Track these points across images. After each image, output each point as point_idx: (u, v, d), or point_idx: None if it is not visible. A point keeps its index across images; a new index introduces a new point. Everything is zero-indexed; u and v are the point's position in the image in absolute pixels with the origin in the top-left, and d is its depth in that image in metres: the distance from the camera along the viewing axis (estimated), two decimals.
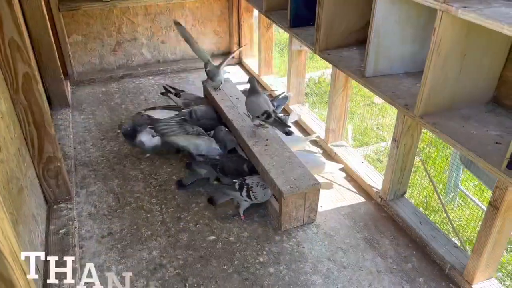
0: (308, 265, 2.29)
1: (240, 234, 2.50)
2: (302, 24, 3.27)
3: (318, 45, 2.84)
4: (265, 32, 4.20)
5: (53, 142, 2.41)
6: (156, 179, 2.96)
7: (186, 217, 2.62)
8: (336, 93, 3.04)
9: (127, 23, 4.41)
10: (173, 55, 4.77)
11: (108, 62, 4.54)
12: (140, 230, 2.52)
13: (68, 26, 4.16)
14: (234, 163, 2.78)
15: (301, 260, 2.32)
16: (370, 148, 4.26)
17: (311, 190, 2.47)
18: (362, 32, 2.86)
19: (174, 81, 4.49)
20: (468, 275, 2.11)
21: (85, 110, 3.89)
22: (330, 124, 3.18)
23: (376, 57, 2.39)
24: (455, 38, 1.86)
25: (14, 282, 1.09)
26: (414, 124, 2.37)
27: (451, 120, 2.01)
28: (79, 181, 2.94)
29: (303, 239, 2.47)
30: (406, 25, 2.32)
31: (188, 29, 4.64)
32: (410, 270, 2.27)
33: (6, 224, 1.08)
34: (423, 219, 2.52)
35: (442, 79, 1.95)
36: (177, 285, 2.16)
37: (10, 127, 2.06)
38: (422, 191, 3.57)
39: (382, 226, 2.57)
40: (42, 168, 2.45)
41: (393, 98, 2.23)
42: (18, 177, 2.03)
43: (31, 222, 2.12)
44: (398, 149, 2.45)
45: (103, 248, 2.39)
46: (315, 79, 5.69)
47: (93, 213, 2.65)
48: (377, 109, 4.99)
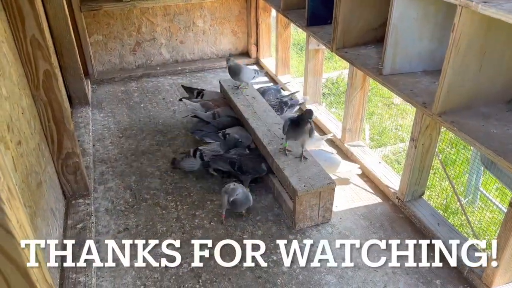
0: (322, 265, 2.27)
1: (254, 232, 2.50)
2: (319, 22, 3.25)
3: (335, 43, 2.81)
4: (283, 32, 4.20)
5: (72, 138, 2.46)
6: (172, 176, 2.99)
7: (201, 214, 2.63)
8: (354, 92, 3.00)
9: (147, 23, 4.47)
10: (191, 55, 4.82)
11: (127, 61, 4.62)
12: (155, 226, 2.54)
13: (89, 26, 4.25)
14: (252, 162, 2.76)
15: (315, 260, 2.30)
16: (388, 148, 4.19)
17: (325, 189, 2.44)
18: (380, 30, 2.82)
19: (192, 80, 4.53)
20: (487, 278, 2.06)
21: (105, 108, 3.96)
22: (347, 124, 3.15)
23: (393, 55, 2.35)
24: (474, 34, 1.82)
25: (28, 270, 1.11)
26: (433, 123, 2.33)
27: (470, 119, 1.96)
28: (97, 177, 2.99)
29: (317, 239, 2.45)
30: (424, 22, 2.28)
31: (206, 29, 4.70)
32: (427, 272, 2.22)
33: (22, 213, 1.10)
34: (441, 221, 2.46)
35: (461, 76, 1.91)
36: (191, 281, 2.17)
37: (30, 122, 2.11)
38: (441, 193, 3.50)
39: (398, 227, 2.52)
40: (61, 164, 2.50)
41: (410, 96, 2.19)
42: (37, 172, 2.08)
43: (49, 216, 2.17)
44: (416, 149, 2.41)
45: (119, 243, 2.42)
46: (333, 79, 5.65)
47: (110, 209, 2.69)
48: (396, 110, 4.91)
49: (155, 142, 3.41)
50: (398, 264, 2.26)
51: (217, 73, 4.69)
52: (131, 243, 2.40)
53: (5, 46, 1.90)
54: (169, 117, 3.79)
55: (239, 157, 2.79)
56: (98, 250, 2.36)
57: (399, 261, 2.28)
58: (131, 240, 2.42)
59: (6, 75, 1.84)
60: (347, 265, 2.26)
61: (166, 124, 3.67)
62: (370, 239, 2.43)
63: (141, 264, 2.26)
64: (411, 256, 2.31)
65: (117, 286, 2.15)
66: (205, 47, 4.83)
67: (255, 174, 2.75)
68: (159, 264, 2.27)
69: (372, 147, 4.15)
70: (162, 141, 3.42)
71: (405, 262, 2.27)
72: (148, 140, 3.43)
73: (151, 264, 2.26)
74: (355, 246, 2.38)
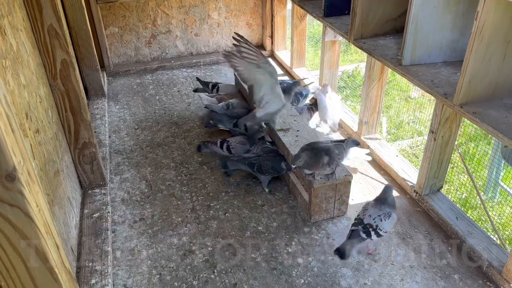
0: (337, 258, 2.24)
1: (269, 224, 2.48)
2: (336, 13, 3.20)
3: (353, 34, 2.77)
4: (299, 24, 4.15)
5: (88, 128, 2.47)
6: (187, 168, 2.99)
7: (216, 206, 2.63)
8: (371, 84, 2.96)
9: (162, 15, 4.47)
10: (206, 47, 4.81)
11: (143, 54, 4.63)
12: (171, 216, 2.55)
13: (105, 18, 4.27)
14: (271, 162, 2.69)
15: (331, 252, 2.28)
16: (405, 142, 4.13)
17: (342, 182, 2.42)
18: (399, 20, 2.77)
19: (207, 73, 4.52)
20: (507, 273, 2.01)
21: (120, 100, 3.98)
22: (364, 116, 3.11)
23: (413, 45, 2.30)
24: (498, 23, 1.76)
25: (47, 255, 1.11)
26: (453, 115, 2.27)
27: (493, 110, 1.90)
28: (113, 168, 3.01)
29: (333, 232, 2.43)
30: (445, 11, 2.22)
31: (221, 21, 4.68)
32: (445, 266, 2.18)
33: (41, 197, 1.11)
34: (460, 215, 2.41)
35: (483, 66, 1.86)
36: (206, 271, 2.17)
37: (48, 111, 2.13)
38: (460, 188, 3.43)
39: (416, 221, 2.48)
40: (77, 154, 2.52)
41: (431, 87, 2.14)
42: (54, 160, 2.10)
43: (66, 205, 2.19)
44: (435, 141, 2.36)
45: (134, 232, 2.44)
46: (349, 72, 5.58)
47: (126, 199, 2.70)
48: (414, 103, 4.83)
49: (170, 134, 3.42)
50: (416, 258, 2.23)
51: None
52: (147, 233, 2.43)
53: (23, 35, 1.92)
54: (184, 109, 3.79)
55: (258, 158, 2.72)
56: (114, 239, 2.39)
57: (416, 255, 2.25)
58: (147, 230, 2.45)
59: (25, 63, 1.85)
60: (363, 258, 2.23)
61: (181, 116, 3.67)
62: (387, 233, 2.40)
63: (157, 254, 2.28)
64: (428, 250, 2.28)
65: (133, 275, 2.16)
66: (220, 40, 4.82)
67: (275, 174, 2.72)
68: (175, 253, 2.28)
69: (389, 141, 4.09)
70: (177, 133, 3.43)
71: (423, 256, 2.25)
72: (163, 132, 3.44)
73: (167, 254, 2.28)
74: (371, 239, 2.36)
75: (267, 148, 2.83)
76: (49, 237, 1.10)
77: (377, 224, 2.12)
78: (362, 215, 2.18)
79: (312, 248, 2.31)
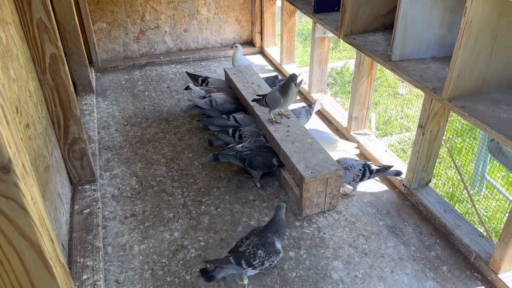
0: (329, 251, 2.27)
1: (260, 218, 2.49)
2: (326, 9, 3.22)
3: (343, 30, 2.79)
4: (288, 20, 4.17)
5: (78, 124, 2.45)
6: (178, 164, 2.98)
7: (207, 201, 2.63)
8: (360, 80, 2.99)
9: (151, 11, 4.44)
10: (195, 43, 4.79)
11: (131, 50, 4.59)
12: (162, 212, 2.54)
13: (93, 14, 4.23)
14: (263, 157, 2.70)
15: (322, 246, 2.31)
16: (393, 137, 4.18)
17: (332, 176, 2.44)
18: (388, 16, 2.80)
19: (196, 69, 4.51)
20: (494, 264, 2.06)
21: (109, 96, 3.95)
22: (353, 112, 3.14)
23: (403, 41, 2.34)
24: (486, 18, 1.80)
25: (42, 248, 1.11)
26: (441, 110, 2.31)
27: (481, 104, 1.94)
28: (103, 164, 2.99)
29: (324, 225, 2.45)
30: (433, 8, 2.26)
31: (210, 17, 4.67)
32: (434, 258, 2.22)
33: (35, 190, 1.10)
34: (448, 208, 2.46)
35: (472, 61, 1.89)
36: (198, 266, 2.18)
37: (37, 106, 2.10)
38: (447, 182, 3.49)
39: (405, 214, 2.52)
40: (67, 149, 2.50)
41: (420, 82, 2.17)
42: (44, 156, 2.08)
43: (57, 200, 2.17)
44: (424, 136, 2.40)
45: (126, 228, 2.43)
46: (337, 69, 5.62)
47: (117, 195, 2.69)
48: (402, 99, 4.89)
49: (160, 130, 3.40)
50: (405, 250, 2.27)
51: (221, 62, 4.67)
52: (139, 228, 2.42)
53: (12, 28, 1.89)
54: (174, 105, 3.78)
55: (250, 152, 2.72)
56: (105, 235, 2.37)
57: (406, 247, 2.29)
58: (138, 225, 2.44)
59: (14, 57, 1.83)
60: (353, 251, 2.26)
61: (170, 112, 3.66)
62: (377, 226, 2.44)
63: (148, 249, 2.28)
64: (418, 243, 2.32)
65: (125, 271, 2.15)
66: (209, 36, 4.81)
67: (266, 170, 2.73)
68: (167, 249, 2.28)
69: (378, 136, 4.14)
70: (167, 129, 3.41)
71: (412, 248, 2.29)
72: (153, 128, 3.42)
73: (159, 249, 2.27)
74: (361, 232, 2.40)
75: (260, 142, 2.84)
76: (44, 230, 1.09)
77: (252, 256, 1.96)
78: (240, 242, 2.03)
79: (304, 242, 2.33)
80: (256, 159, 2.68)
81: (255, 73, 3.64)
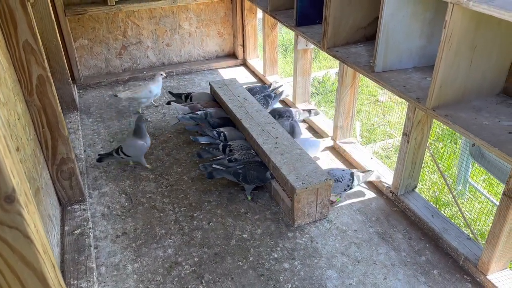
0: (322, 260, 2.30)
1: (253, 231, 2.51)
2: (308, 23, 3.29)
3: (325, 42, 2.86)
4: (270, 32, 4.23)
5: (66, 144, 2.43)
6: (167, 179, 2.98)
7: (199, 216, 2.63)
8: (344, 90, 3.05)
9: (132, 26, 4.44)
10: (178, 57, 4.80)
11: (114, 65, 4.57)
12: (154, 229, 2.53)
13: (74, 30, 4.20)
14: (256, 171, 2.72)
15: (315, 256, 2.34)
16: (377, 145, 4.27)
17: (323, 186, 2.48)
18: (368, 28, 2.89)
19: (180, 83, 4.52)
20: (482, 266, 2.12)
21: (93, 113, 3.92)
22: (338, 121, 3.20)
23: (385, 53, 2.41)
24: (465, 31, 1.88)
25: (46, 275, 1.10)
26: (424, 118, 2.39)
27: (463, 112, 2.02)
28: (91, 182, 2.96)
29: (316, 235, 2.48)
30: (413, 20, 2.34)
31: (193, 31, 4.70)
32: (424, 262, 2.28)
33: (37, 218, 1.10)
34: (435, 213, 2.53)
35: (453, 71, 1.97)
36: (194, 282, 2.18)
37: (25, 128, 2.08)
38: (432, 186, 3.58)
39: (394, 220, 2.58)
40: (55, 170, 2.47)
41: (404, 92, 2.25)
42: (35, 178, 2.05)
43: (48, 223, 2.14)
44: (409, 143, 2.47)
45: (118, 247, 2.41)
46: (319, 79, 5.71)
47: (107, 214, 2.66)
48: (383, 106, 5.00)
49: None
50: (396, 256, 2.32)
51: (204, 75, 4.69)
52: (131, 247, 2.41)
53: None
54: (160, 120, 3.78)
55: (243, 167, 2.72)
56: (98, 255, 2.35)
57: (397, 253, 2.34)
58: (130, 244, 2.42)
59: (2, 80, 1.81)
60: (346, 259, 2.30)
61: (157, 127, 3.65)
62: (367, 233, 2.49)
63: (142, 267, 2.26)
64: (408, 248, 2.38)
65: None
66: (192, 50, 4.83)
67: (259, 183, 2.75)
68: (161, 266, 2.27)
69: (362, 144, 4.22)
70: (155, 144, 3.40)
71: (403, 254, 2.34)
72: None
73: (153, 267, 2.26)
74: (353, 240, 2.44)
75: (251, 155, 2.87)
76: (47, 257, 1.09)
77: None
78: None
79: (297, 252, 2.36)
80: (250, 173, 2.69)
81: (240, 86, 3.68)
